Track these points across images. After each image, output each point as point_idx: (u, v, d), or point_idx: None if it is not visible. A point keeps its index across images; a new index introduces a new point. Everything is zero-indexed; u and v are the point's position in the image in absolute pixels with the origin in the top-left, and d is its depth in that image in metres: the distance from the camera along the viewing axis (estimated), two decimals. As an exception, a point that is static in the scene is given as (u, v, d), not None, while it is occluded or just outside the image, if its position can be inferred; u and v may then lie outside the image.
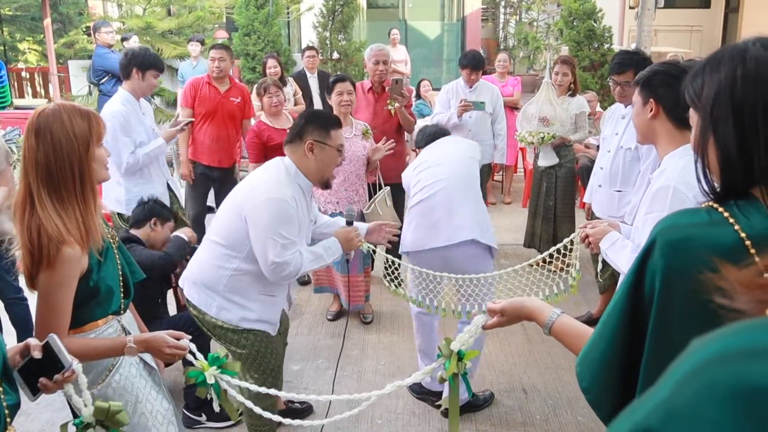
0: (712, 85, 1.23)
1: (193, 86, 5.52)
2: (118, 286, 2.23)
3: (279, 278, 2.85)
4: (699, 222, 1.22)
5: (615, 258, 2.49)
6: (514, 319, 1.75)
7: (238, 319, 2.94)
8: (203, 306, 2.95)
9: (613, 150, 4.05)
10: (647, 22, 8.84)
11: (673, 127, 2.32)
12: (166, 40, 10.26)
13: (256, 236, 2.80)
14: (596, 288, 4.73)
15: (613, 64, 3.94)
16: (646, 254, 1.23)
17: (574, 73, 5.67)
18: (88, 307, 2.14)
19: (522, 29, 14.94)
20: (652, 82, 2.37)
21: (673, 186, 2.18)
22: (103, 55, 8.08)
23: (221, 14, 11.93)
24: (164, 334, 2.18)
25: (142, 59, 4.28)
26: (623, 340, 1.26)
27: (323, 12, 10.61)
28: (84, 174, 2.06)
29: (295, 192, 2.85)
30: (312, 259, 2.90)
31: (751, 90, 1.18)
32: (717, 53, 1.26)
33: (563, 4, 10.76)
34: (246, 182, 2.96)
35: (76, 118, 2.05)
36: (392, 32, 11.51)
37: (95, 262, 2.11)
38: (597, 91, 8.83)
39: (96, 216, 2.12)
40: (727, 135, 1.20)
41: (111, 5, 11.80)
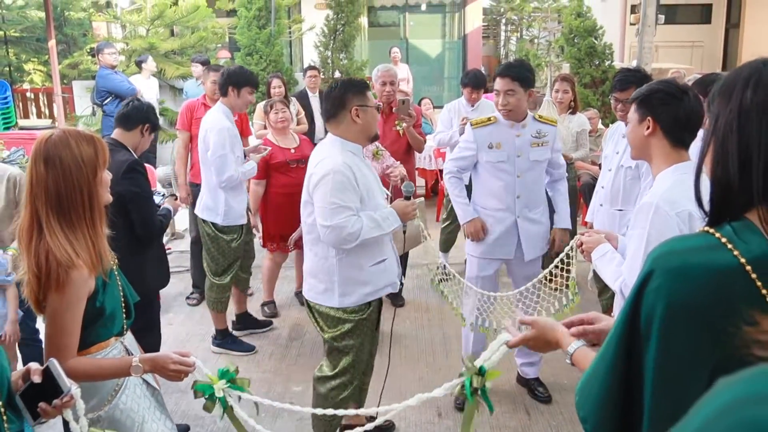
0: (721, 105, 1.24)
1: (188, 109, 5.54)
2: (120, 307, 2.26)
3: (339, 243, 2.97)
4: (696, 247, 1.20)
5: (602, 269, 2.54)
6: (541, 336, 1.75)
7: (362, 296, 3.13)
8: (326, 301, 3.13)
9: (614, 169, 4.05)
10: (648, 39, 8.86)
11: (669, 146, 2.35)
12: (169, 61, 10.32)
13: (316, 210, 2.98)
14: (599, 308, 4.72)
15: (615, 82, 3.97)
16: (644, 282, 1.21)
17: (574, 91, 5.69)
18: (93, 328, 2.16)
19: (523, 46, 14.99)
20: (651, 100, 2.39)
21: (656, 204, 2.23)
22: (106, 76, 8.14)
23: (224, 34, 12.00)
24: (170, 352, 2.19)
25: (237, 77, 4.47)
26: (621, 368, 1.25)
27: (325, 31, 10.67)
28: (93, 198, 2.09)
29: (346, 158, 2.99)
30: (372, 226, 2.98)
31: (757, 111, 1.18)
32: (734, 73, 1.26)
33: (564, 21, 10.81)
34: (307, 172, 3.11)
35: (83, 143, 2.08)
36: (393, 51, 11.56)
37: (101, 283, 2.14)
38: (598, 108, 8.84)
39: (104, 239, 2.14)
40: (725, 154, 1.20)
41: (115, 26, 11.90)
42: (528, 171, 3.85)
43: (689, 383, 1.15)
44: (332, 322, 3.17)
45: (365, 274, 3.11)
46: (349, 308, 3.13)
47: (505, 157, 3.83)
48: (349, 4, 10.43)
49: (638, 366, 1.21)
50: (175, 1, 10.86)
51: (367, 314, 3.19)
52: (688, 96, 2.37)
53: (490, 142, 3.86)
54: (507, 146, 3.83)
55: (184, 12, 10.60)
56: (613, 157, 4.08)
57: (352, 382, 3.26)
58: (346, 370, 3.22)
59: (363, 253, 3.07)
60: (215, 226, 4.57)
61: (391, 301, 5.36)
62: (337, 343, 3.18)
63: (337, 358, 3.22)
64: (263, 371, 4.47)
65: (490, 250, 3.95)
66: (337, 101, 3.08)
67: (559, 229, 4.02)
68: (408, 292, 5.69)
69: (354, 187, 2.96)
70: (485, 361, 2.05)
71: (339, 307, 3.12)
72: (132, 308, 2.36)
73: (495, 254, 3.95)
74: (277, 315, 5.37)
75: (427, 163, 8.15)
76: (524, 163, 3.83)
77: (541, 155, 3.87)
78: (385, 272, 3.19)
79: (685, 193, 2.23)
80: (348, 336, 3.17)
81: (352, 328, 3.16)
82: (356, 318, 3.15)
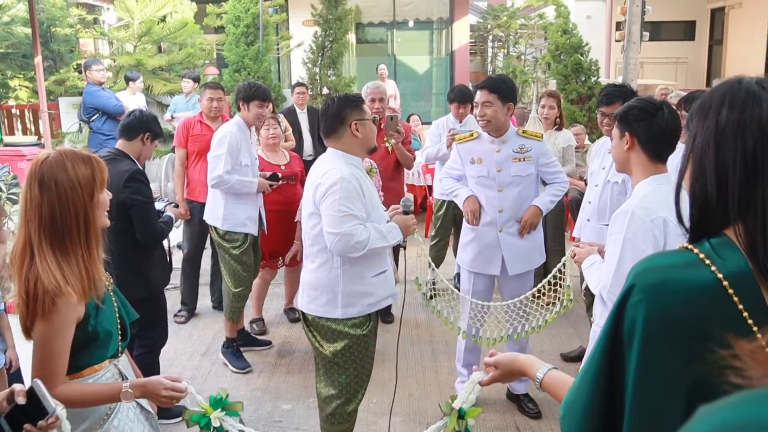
0: (699, 123, 1.26)
1: (185, 126, 5.54)
2: (116, 329, 2.21)
3: (346, 251, 2.98)
4: (675, 263, 1.21)
5: (588, 277, 2.70)
6: (507, 372, 1.77)
7: (365, 306, 3.13)
8: (328, 313, 3.11)
9: (600, 184, 4.06)
10: (633, 55, 8.96)
11: (647, 159, 2.51)
12: (156, 77, 10.32)
13: (323, 219, 2.99)
14: (587, 322, 4.72)
15: (601, 96, 4.01)
16: (624, 299, 1.22)
17: (560, 107, 5.74)
18: (86, 352, 2.11)
19: (510, 63, 15.11)
20: (629, 116, 2.55)
21: (632, 210, 2.40)
22: (94, 93, 8.11)
23: (211, 51, 12.03)
24: (161, 378, 2.15)
25: (244, 92, 4.64)
26: (604, 382, 1.25)
27: (313, 48, 10.71)
28: (89, 222, 2.03)
29: (352, 171, 3.03)
30: (378, 236, 3.01)
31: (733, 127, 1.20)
32: (711, 91, 1.28)
33: (550, 38, 10.91)
34: (308, 185, 3.13)
35: (80, 164, 2.02)
36: (380, 67, 11.62)
37: (93, 306, 2.08)
38: (585, 124, 8.90)
39: (99, 264, 2.09)
40: (702, 171, 1.22)
41: (102, 43, 11.90)
42: (510, 186, 3.87)
43: (666, 400, 1.16)
44: (332, 336, 3.14)
45: (367, 285, 3.12)
46: (350, 321, 3.12)
47: (485, 172, 3.88)
48: (337, 21, 10.49)
49: (621, 380, 1.22)
50: (162, 18, 10.88)
51: (368, 330, 3.18)
52: (663, 112, 2.51)
53: (472, 157, 3.91)
54: (487, 161, 3.87)
55: (172, 28, 10.63)
56: (600, 172, 4.11)
57: (357, 397, 3.27)
58: (348, 386, 3.22)
59: (365, 264, 3.09)
60: (218, 232, 4.66)
61: (381, 318, 5.34)
62: (337, 358, 3.15)
63: (335, 374, 3.19)
64: (252, 389, 4.44)
65: (477, 264, 3.97)
66: (336, 117, 3.11)
67: (532, 206, 3.92)
68: (396, 308, 5.68)
69: (361, 197, 3.00)
70: (463, 402, 2.09)
71: (341, 319, 3.11)
72: (128, 329, 2.31)
73: (482, 269, 3.96)
74: (266, 332, 5.34)
75: (416, 179, 8.18)
76: (505, 177, 3.86)
77: (523, 170, 3.88)
78: (385, 283, 3.21)
79: (660, 201, 2.40)
80: (348, 352, 3.15)
81: (351, 344, 3.13)
82: (356, 333, 3.13)
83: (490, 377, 1.82)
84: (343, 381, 3.19)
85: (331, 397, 3.23)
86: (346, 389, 3.21)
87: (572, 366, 4.55)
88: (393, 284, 3.28)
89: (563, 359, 4.75)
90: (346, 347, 3.13)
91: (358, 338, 3.14)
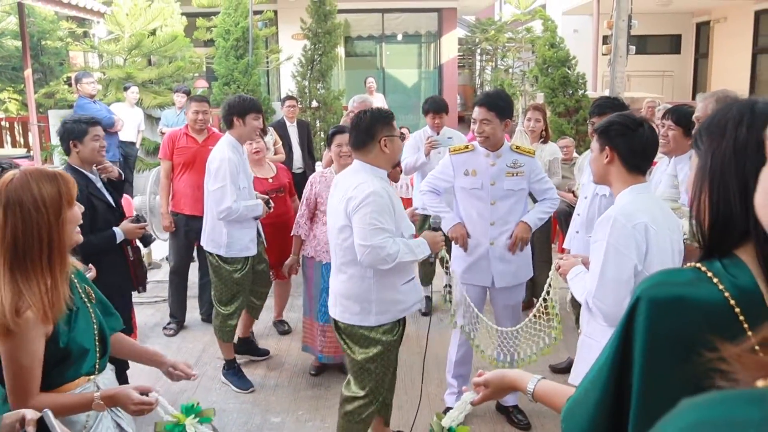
0: (714, 142, 1.27)
1: (171, 139, 5.56)
2: (93, 344, 2.16)
3: (376, 263, 3.08)
4: (683, 281, 1.22)
5: (573, 287, 2.77)
6: (499, 390, 1.80)
7: (397, 312, 3.29)
8: (362, 321, 3.24)
9: (589, 197, 4.10)
10: (620, 68, 9.05)
11: (626, 172, 2.58)
12: (146, 90, 10.33)
13: (354, 231, 3.08)
14: (575, 333, 4.74)
15: (593, 107, 4.08)
16: (632, 311, 1.23)
17: (545, 120, 5.78)
18: (59, 369, 2.07)
19: (498, 76, 15.21)
20: (609, 131, 2.61)
21: (614, 217, 2.47)
22: (84, 106, 8.13)
23: (201, 64, 12.05)
24: (130, 390, 2.13)
25: (239, 106, 4.43)
26: (612, 394, 1.27)
27: (302, 61, 10.75)
28: (53, 243, 1.99)
29: (382, 184, 3.13)
30: (407, 251, 3.11)
31: (754, 148, 1.21)
32: (723, 110, 1.29)
33: (538, 51, 11.00)
34: (337, 198, 3.21)
35: (45, 184, 1.99)
36: (368, 81, 11.67)
37: (65, 322, 2.04)
38: (572, 136, 8.97)
39: (63, 284, 2.04)
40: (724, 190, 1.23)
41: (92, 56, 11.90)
42: (502, 199, 3.91)
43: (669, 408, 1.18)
44: (364, 343, 3.28)
45: (399, 293, 3.27)
46: (382, 328, 3.26)
47: (479, 185, 3.91)
48: (326, 35, 10.54)
49: (628, 385, 1.23)
50: (152, 31, 10.90)
51: (397, 335, 3.34)
52: (643, 128, 2.59)
53: (465, 169, 3.95)
54: (482, 174, 3.90)
55: (162, 42, 10.65)
56: (589, 185, 4.14)
57: (378, 399, 3.40)
58: (374, 390, 3.36)
59: (395, 273, 3.20)
60: (219, 257, 4.55)
61: None
62: (369, 364, 3.29)
63: (366, 379, 3.34)
64: (241, 402, 4.43)
65: (468, 276, 4.00)
66: (367, 132, 3.19)
67: (522, 222, 3.96)
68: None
69: (391, 212, 3.10)
70: (452, 420, 2.11)
71: (374, 326, 3.25)
72: (108, 345, 2.26)
73: (473, 280, 3.99)
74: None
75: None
76: (498, 191, 3.90)
77: (515, 185, 3.92)
78: (414, 289, 3.36)
79: (641, 207, 2.48)
80: (379, 358, 3.29)
81: (383, 350, 3.28)
82: (387, 339, 3.28)
83: (481, 396, 1.85)
84: (371, 384, 3.34)
85: (354, 398, 3.38)
86: (371, 392, 3.36)
87: (560, 377, 4.57)
88: (421, 290, 3.45)
89: (552, 371, 4.77)
90: (378, 353, 3.28)
91: (389, 344, 3.30)
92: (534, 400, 1.66)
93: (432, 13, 15.36)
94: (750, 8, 14.13)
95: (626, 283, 2.47)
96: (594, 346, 2.66)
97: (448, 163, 4.03)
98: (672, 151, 3.69)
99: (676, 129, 3.64)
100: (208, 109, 5.58)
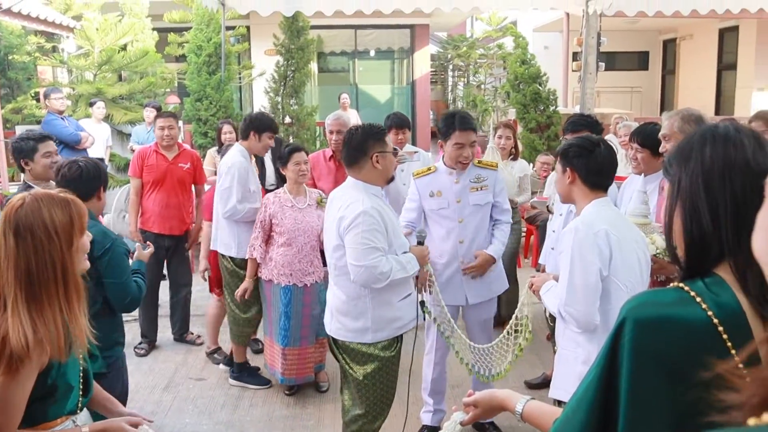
0: (681, 167, 1.31)
1: (140, 156, 5.50)
2: (77, 382, 2.07)
3: (370, 282, 3.09)
4: (668, 301, 1.25)
5: (546, 301, 2.89)
6: (487, 409, 1.81)
7: (394, 330, 3.28)
8: (359, 338, 3.24)
9: (564, 213, 4.13)
10: (590, 85, 9.18)
11: (588, 190, 2.75)
12: (117, 106, 10.22)
13: (347, 251, 3.09)
14: (550, 349, 4.77)
15: (567, 124, 4.14)
16: (618, 332, 1.25)
17: (515, 137, 5.85)
18: (43, 406, 1.97)
19: (470, 92, 15.35)
20: (568, 153, 2.78)
21: (576, 227, 2.63)
22: (50, 122, 8.03)
23: (173, 80, 11.96)
24: (122, 423, 2.07)
25: (259, 123, 4.72)
26: (598, 416, 1.28)
27: (275, 77, 10.73)
28: (67, 272, 1.90)
29: (373, 202, 3.12)
30: (399, 268, 3.13)
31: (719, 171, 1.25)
32: (689, 136, 1.34)
33: (509, 68, 11.11)
34: (331, 216, 3.23)
35: (56, 210, 1.90)
36: (342, 96, 11.68)
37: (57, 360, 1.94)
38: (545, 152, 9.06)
39: (81, 317, 1.95)
40: (696, 213, 1.26)
41: (61, 71, 11.75)
42: (470, 216, 3.93)
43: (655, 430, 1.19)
44: (362, 359, 3.28)
45: (395, 310, 3.26)
46: (380, 344, 3.25)
47: (446, 204, 3.93)
48: (299, 51, 10.53)
49: (615, 406, 1.24)
50: (123, 47, 10.80)
51: (395, 351, 3.33)
52: (600, 148, 2.74)
53: (431, 191, 3.95)
54: (447, 193, 3.93)
55: (133, 57, 10.55)
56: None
57: (383, 413, 3.41)
58: (376, 405, 3.35)
59: (392, 289, 3.21)
60: (233, 261, 4.71)
61: None
62: (368, 381, 3.28)
63: (365, 396, 3.32)
64: (215, 423, 4.36)
65: (442, 296, 3.93)
66: (359, 148, 3.20)
67: (488, 255, 3.94)
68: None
69: (383, 230, 3.09)
70: None
71: (371, 343, 3.24)
72: (91, 384, 2.17)
73: (447, 300, 3.92)
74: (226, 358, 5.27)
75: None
76: (465, 207, 3.92)
77: (481, 199, 3.95)
78: (411, 305, 3.36)
79: (601, 217, 2.65)
80: (378, 374, 3.29)
81: (381, 366, 3.28)
82: (386, 355, 3.28)
83: (471, 416, 1.86)
84: (371, 401, 3.33)
85: (358, 417, 3.37)
86: (373, 408, 3.35)
87: (536, 393, 4.57)
88: (415, 309, 3.44)
89: (527, 386, 4.78)
90: (377, 369, 3.27)
91: (387, 360, 3.29)
92: (523, 421, 1.67)
93: (404, 30, 15.44)
94: (714, 26, 14.45)
95: (594, 288, 2.60)
96: (570, 357, 2.76)
97: (414, 189, 4.05)
98: (644, 171, 3.75)
99: (643, 151, 3.70)
100: (175, 124, 5.53)
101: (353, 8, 9.04)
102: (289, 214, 4.40)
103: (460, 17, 16.35)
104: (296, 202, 4.46)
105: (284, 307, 4.43)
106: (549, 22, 14.59)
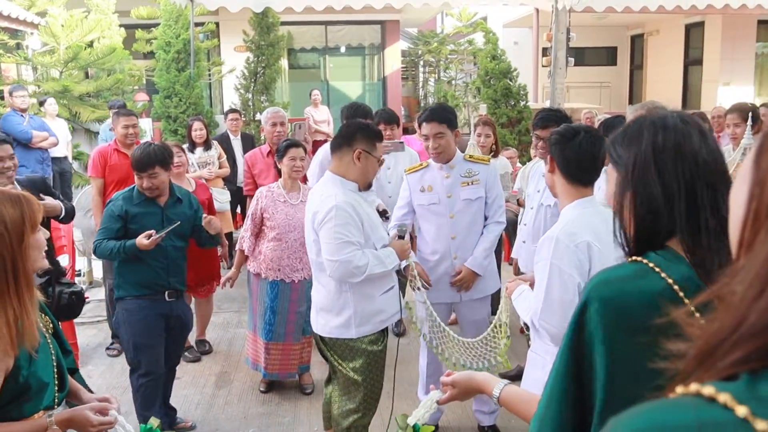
0: (632, 150, 1.34)
1: (101, 155, 5.35)
2: (52, 378, 2.06)
3: (346, 277, 3.07)
4: (627, 275, 1.29)
5: (518, 306, 2.76)
6: (465, 391, 1.82)
7: (378, 323, 3.25)
8: (343, 334, 3.21)
9: (535, 207, 4.14)
10: (559, 80, 9.27)
11: (566, 183, 2.52)
12: (84, 104, 10.07)
13: (322, 247, 3.07)
14: (524, 341, 4.79)
15: (536, 120, 4.11)
16: (581, 313, 1.27)
17: (495, 134, 5.85)
18: (16, 404, 1.96)
19: (441, 88, 15.38)
20: (550, 141, 2.58)
21: (557, 236, 2.40)
22: (6, 118, 7.95)
23: (141, 77, 11.81)
24: (86, 411, 2.05)
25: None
26: (573, 399, 1.29)
27: (245, 74, 10.66)
28: (17, 269, 1.87)
29: (347, 197, 3.09)
30: (376, 262, 3.10)
31: (671, 155, 1.30)
32: (637, 121, 1.38)
33: (480, 63, 11.16)
34: (308, 213, 3.21)
35: (7, 206, 1.87)
36: (313, 93, 11.62)
37: (25, 357, 1.93)
38: (515, 147, 9.12)
39: (33, 312, 1.93)
40: (648, 193, 1.30)
41: (26, 68, 11.52)
42: (461, 211, 3.87)
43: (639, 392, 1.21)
44: (350, 354, 3.25)
45: (378, 303, 3.24)
46: (367, 338, 3.23)
47: (437, 199, 3.88)
48: (270, 47, 10.48)
49: (589, 391, 1.26)
50: (90, 43, 10.64)
51: (382, 346, 3.32)
52: (579, 136, 2.49)
53: (422, 186, 3.91)
54: (437, 188, 3.88)
55: (100, 54, 10.40)
56: (534, 195, 4.20)
57: (372, 408, 3.39)
58: (365, 400, 3.33)
59: (373, 283, 3.18)
60: None
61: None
62: (357, 376, 3.26)
63: (355, 391, 3.31)
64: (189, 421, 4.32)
65: (434, 294, 3.88)
66: (346, 137, 3.20)
67: (465, 267, 3.90)
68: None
69: (357, 223, 3.06)
70: (417, 419, 2.10)
71: (357, 338, 3.21)
72: (66, 379, 2.15)
73: (439, 298, 3.90)
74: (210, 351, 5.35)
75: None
76: (456, 202, 3.86)
77: (472, 194, 3.88)
78: (394, 299, 3.33)
79: (583, 225, 2.41)
80: (367, 369, 3.27)
81: (370, 360, 3.26)
82: (373, 350, 3.26)
83: (447, 395, 1.86)
84: (361, 396, 3.31)
85: (349, 412, 3.34)
86: (363, 403, 3.32)
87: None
88: (400, 299, 3.41)
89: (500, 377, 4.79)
90: (365, 363, 3.25)
91: (374, 354, 3.27)
92: (499, 405, 1.68)
93: (375, 26, 15.42)
94: (680, 21, 14.66)
95: (571, 303, 2.38)
96: (538, 362, 2.65)
97: (405, 185, 4.02)
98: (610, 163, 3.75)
99: None
100: (137, 122, 5.46)
101: (323, 4, 9.01)
102: (281, 209, 4.36)
103: (431, 13, 16.36)
104: (289, 197, 4.41)
105: (270, 302, 4.40)
106: (519, 17, 14.68)
